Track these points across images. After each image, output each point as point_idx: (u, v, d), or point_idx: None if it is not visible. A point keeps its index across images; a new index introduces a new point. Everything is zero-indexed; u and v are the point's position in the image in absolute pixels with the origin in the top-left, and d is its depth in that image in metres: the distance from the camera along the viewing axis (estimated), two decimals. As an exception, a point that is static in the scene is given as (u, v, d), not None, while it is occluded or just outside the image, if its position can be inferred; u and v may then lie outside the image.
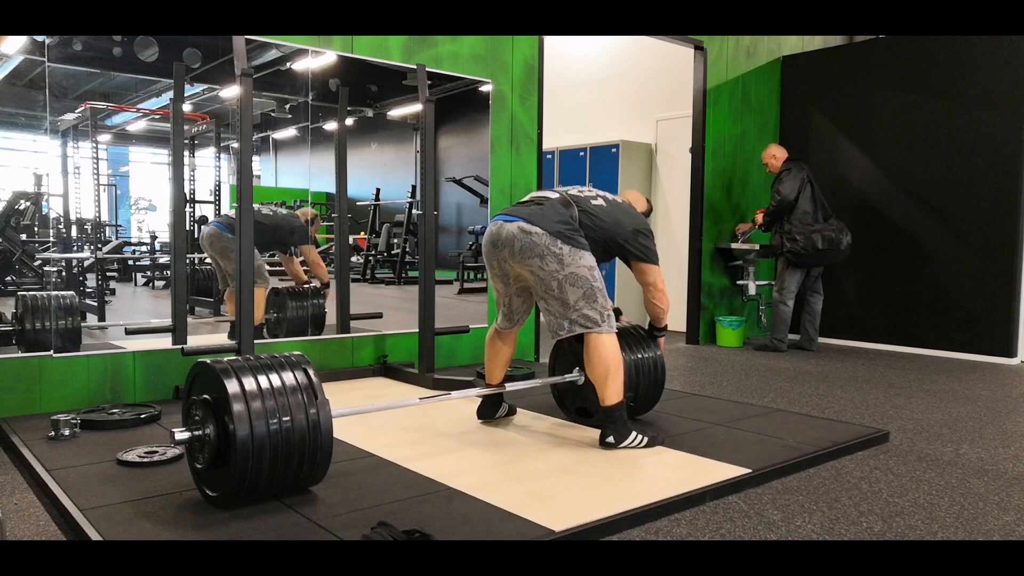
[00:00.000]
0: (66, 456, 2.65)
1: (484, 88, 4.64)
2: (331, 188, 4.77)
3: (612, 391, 2.83)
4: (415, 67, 4.08)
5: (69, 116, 3.87)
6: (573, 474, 2.57)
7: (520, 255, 2.82)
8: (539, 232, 2.77)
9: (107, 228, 4.71)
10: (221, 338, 4.25)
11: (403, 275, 6.27)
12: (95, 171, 4.28)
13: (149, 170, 4.87)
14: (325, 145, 4.65)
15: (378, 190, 6.30)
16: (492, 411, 3.23)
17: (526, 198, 3.02)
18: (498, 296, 3.12)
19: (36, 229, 4.18)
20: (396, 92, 4.85)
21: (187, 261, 4.42)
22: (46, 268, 4.02)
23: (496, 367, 3.18)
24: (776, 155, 5.78)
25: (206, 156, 4.90)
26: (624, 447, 2.83)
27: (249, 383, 2.11)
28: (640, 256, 3.00)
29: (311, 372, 2.24)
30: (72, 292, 3.85)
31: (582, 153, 7.18)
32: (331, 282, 4.70)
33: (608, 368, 2.82)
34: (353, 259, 5.60)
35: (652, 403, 3.30)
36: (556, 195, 2.95)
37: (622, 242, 2.96)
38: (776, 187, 5.63)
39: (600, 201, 2.98)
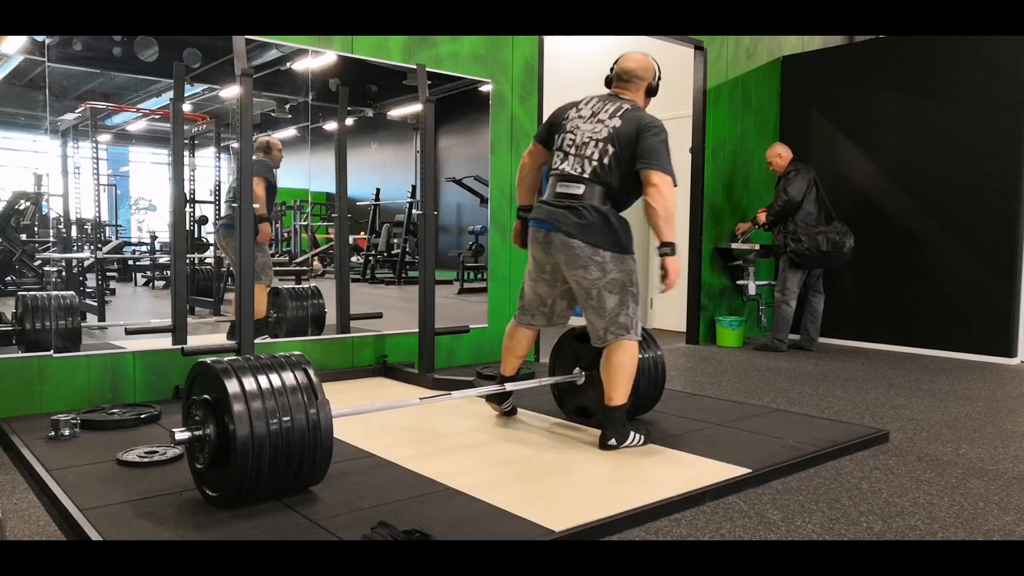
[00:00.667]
0: (66, 456, 2.65)
1: (484, 88, 4.64)
2: (331, 188, 4.77)
3: (621, 392, 2.84)
4: (415, 67, 4.08)
5: (69, 116, 3.87)
6: (573, 474, 2.57)
7: (566, 265, 2.83)
8: (581, 245, 2.76)
9: (107, 228, 4.72)
10: (221, 338, 4.25)
11: (403, 275, 6.28)
12: (95, 171, 4.28)
13: (149, 170, 4.87)
14: (325, 145, 4.65)
15: (378, 190, 6.30)
16: (500, 399, 3.24)
17: (555, 196, 2.87)
18: (536, 298, 3.06)
19: (36, 229, 4.19)
20: (396, 92, 4.85)
21: (187, 261, 4.42)
22: (46, 268, 4.02)
23: (512, 359, 3.19)
24: (781, 154, 5.78)
25: (206, 156, 4.90)
26: (624, 447, 2.84)
27: (249, 383, 2.11)
28: (643, 162, 2.76)
29: (311, 372, 2.24)
30: (72, 292, 3.85)
31: (582, 153, 7.16)
32: (269, 222, 4.54)
33: (623, 371, 2.84)
34: (353, 259, 5.60)
35: (652, 403, 3.30)
36: (586, 188, 2.79)
37: (636, 159, 2.79)
38: (783, 187, 5.63)
39: (611, 149, 2.79)
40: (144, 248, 5.18)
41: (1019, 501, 2.47)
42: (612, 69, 3.04)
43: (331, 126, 4.61)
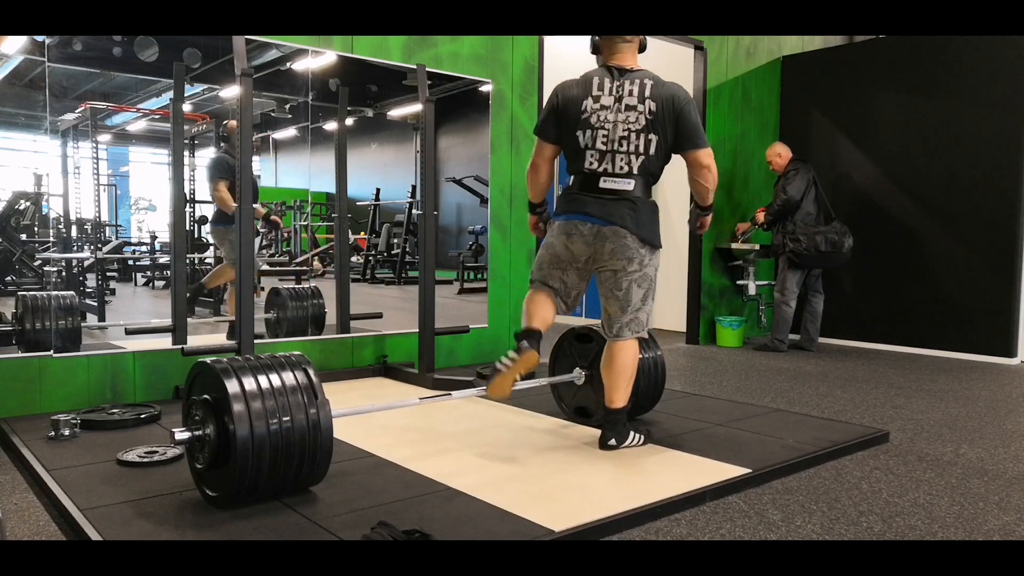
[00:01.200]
0: (66, 456, 2.65)
1: (484, 88, 4.64)
2: (331, 188, 4.78)
3: (622, 394, 2.84)
4: (415, 67, 4.08)
5: (69, 116, 3.88)
6: (573, 474, 2.57)
7: (611, 255, 2.77)
8: (633, 238, 2.73)
9: (107, 228, 4.72)
10: (221, 338, 4.25)
11: (403, 275, 6.28)
12: (95, 171, 4.29)
13: (149, 170, 4.88)
14: (325, 145, 4.65)
15: (378, 190, 6.31)
16: (535, 343, 2.80)
17: (600, 190, 2.75)
18: (561, 284, 2.90)
19: (36, 229, 4.19)
20: (396, 92, 4.86)
21: (187, 261, 4.43)
22: (46, 268, 4.03)
23: (536, 319, 2.87)
24: (781, 153, 5.78)
25: (206, 156, 4.90)
26: (624, 447, 2.84)
27: (249, 383, 2.11)
28: (691, 144, 2.75)
29: (311, 372, 2.24)
30: (72, 292, 3.86)
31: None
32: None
33: (625, 373, 2.83)
34: (353, 259, 5.60)
35: (652, 403, 3.30)
36: (635, 182, 2.73)
37: (677, 142, 2.77)
38: (782, 186, 5.63)
39: (654, 138, 2.72)
40: (144, 248, 5.18)
41: (1019, 501, 2.47)
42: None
43: (331, 126, 4.61)
